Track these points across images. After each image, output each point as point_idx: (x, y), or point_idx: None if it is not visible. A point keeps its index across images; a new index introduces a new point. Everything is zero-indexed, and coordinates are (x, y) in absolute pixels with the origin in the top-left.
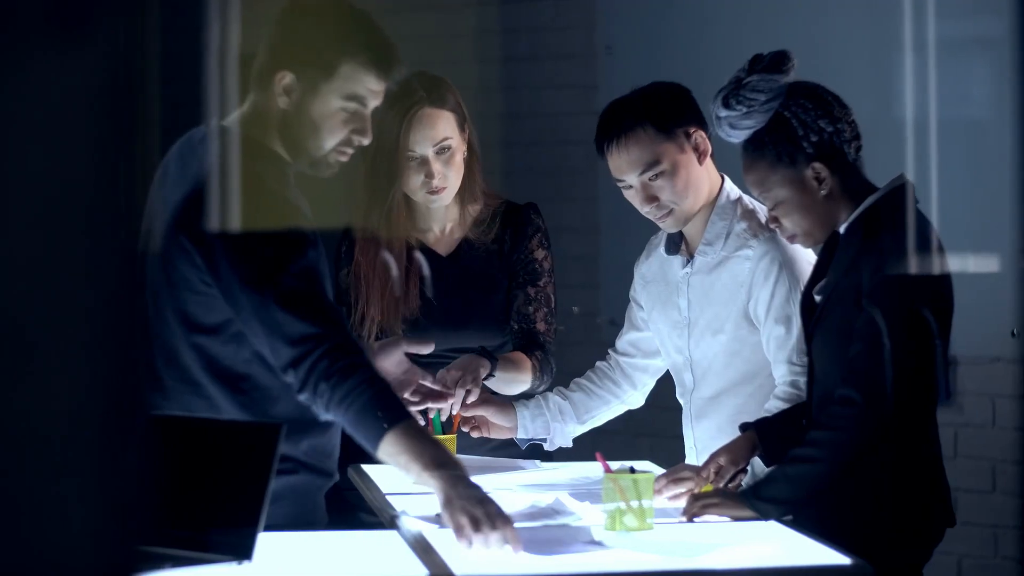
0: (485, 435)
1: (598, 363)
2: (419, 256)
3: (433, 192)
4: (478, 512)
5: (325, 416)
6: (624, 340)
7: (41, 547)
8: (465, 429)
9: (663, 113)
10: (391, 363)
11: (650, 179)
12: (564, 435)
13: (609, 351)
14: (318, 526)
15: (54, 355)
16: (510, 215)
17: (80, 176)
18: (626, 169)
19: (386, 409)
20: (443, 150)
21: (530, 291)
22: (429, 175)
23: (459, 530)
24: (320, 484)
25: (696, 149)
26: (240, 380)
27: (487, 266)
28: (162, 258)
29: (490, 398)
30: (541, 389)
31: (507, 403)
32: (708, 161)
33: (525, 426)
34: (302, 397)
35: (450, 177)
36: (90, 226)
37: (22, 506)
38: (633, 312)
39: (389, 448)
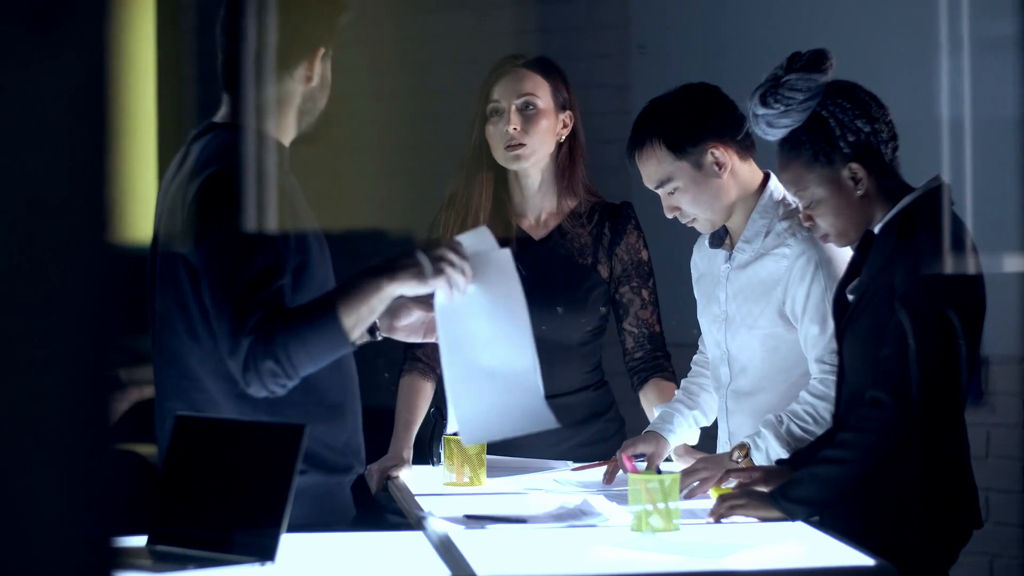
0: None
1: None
2: (513, 239)
3: (511, 147)
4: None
5: (295, 380)
6: (701, 339)
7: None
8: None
9: (675, 133)
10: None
11: (668, 193)
12: (694, 437)
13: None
14: (339, 527)
15: (28, 355)
16: (608, 211)
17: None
18: (645, 181)
19: (315, 308)
20: (527, 106)
21: (644, 295)
22: (507, 125)
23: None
24: (336, 481)
25: (717, 164)
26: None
27: (581, 255)
28: (170, 254)
29: (649, 435)
30: None
31: (661, 436)
32: (738, 164)
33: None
34: (261, 393)
35: (531, 136)
36: (67, 228)
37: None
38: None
39: (345, 323)
